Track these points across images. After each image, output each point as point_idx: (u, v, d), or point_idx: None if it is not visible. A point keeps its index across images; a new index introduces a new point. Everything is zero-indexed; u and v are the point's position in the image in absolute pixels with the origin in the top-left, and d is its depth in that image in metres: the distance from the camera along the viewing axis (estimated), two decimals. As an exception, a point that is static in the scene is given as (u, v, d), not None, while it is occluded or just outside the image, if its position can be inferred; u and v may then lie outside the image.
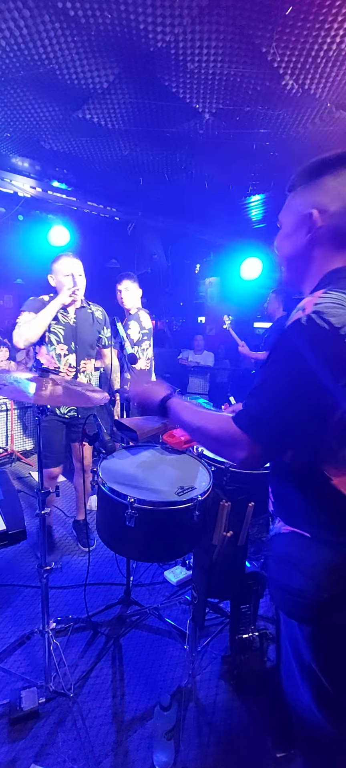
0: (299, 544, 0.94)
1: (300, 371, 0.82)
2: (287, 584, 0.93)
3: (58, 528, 3.01)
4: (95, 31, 1.83)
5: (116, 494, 1.42)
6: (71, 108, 2.52)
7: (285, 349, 0.87)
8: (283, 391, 0.85)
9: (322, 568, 0.88)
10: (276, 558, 0.99)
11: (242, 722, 1.68)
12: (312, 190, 0.96)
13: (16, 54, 2.00)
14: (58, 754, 1.51)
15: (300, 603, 0.91)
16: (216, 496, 1.56)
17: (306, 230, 0.96)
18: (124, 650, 1.98)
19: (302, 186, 0.98)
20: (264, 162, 3.18)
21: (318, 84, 2.12)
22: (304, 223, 0.96)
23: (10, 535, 1.37)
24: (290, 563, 0.94)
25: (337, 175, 0.93)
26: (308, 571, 0.89)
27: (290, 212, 1.01)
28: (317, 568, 0.88)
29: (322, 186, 0.94)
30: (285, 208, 1.04)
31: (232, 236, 5.40)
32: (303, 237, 0.96)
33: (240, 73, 2.07)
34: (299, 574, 0.91)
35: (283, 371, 0.86)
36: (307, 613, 0.90)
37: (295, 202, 1.00)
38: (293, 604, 0.92)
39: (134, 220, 4.58)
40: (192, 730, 1.63)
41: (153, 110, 2.51)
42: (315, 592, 0.88)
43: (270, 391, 0.88)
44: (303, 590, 0.90)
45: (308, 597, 0.89)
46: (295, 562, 0.93)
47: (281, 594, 0.96)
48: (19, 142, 3.05)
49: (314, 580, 0.88)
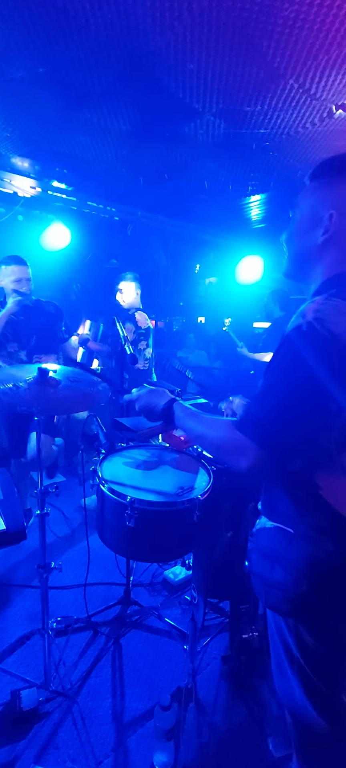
0: (282, 539, 0.95)
1: (302, 378, 0.82)
2: (268, 577, 0.95)
3: (58, 528, 3.01)
4: (95, 31, 1.83)
5: (116, 494, 1.42)
6: (71, 108, 2.51)
7: (287, 355, 0.87)
8: (287, 398, 0.85)
9: (302, 563, 0.90)
10: (259, 552, 1.01)
11: (242, 722, 1.68)
12: (336, 189, 0.94)
13: (16, 54, 2.00)
14: (58, 754, 1.51)
15: (280, 596, 0.93)
16: (216, 496, 1.56)
17: (323, 231, 0.94)
18: (124, 650, 1.98)
19: (326, 180, 0.95)
20: (264, 162, 3.18)
21: (318, 84, 2.11)
22: (321, 223, 0.94)
23: (10, 535, 1.37)
24: (272, 557, 0.96)
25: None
26: (289, 566, 0.91)
27: (308, 206, 0.98)
28: (297, 563, 0.90)
29: (344, 188, 0.93)
30: (303, 200, 1.00)
31: (232, 236, 5.39)
32: (318, 237, 0.95)
33: (240, 73, 2.07)
34: (280, 568, 0.93)
35: (286, 378, 0.86)
36: (286, 605, 0.93)
37: (315, 197, 0.97)
38: (273, 597, 0.95)
39: (134, 220, 4.58)
40: (192, 730, 1.63)
41: (153, 110, 2.51)
42: (294, 585, 0.90)
43: (274, 397, 0.88)
44: (283, 583, 0.91)
45: (288, 590, 0.91)
46: (277, 557, 0.95)
47: (262, 586, 0.98)
48: (19, 142, 3.04)
49: (294, 574, 0.90)
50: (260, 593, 1.00)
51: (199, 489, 1.50)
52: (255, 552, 1.03)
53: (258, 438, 0.87)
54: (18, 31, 1.85)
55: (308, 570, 0.89)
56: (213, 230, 5.24)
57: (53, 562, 1.70)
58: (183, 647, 1.96)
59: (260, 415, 0.89)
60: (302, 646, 0.94)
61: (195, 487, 1.52)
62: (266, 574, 0.96)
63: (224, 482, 1.67)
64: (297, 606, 0.91)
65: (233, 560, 1.65)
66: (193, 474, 1.63)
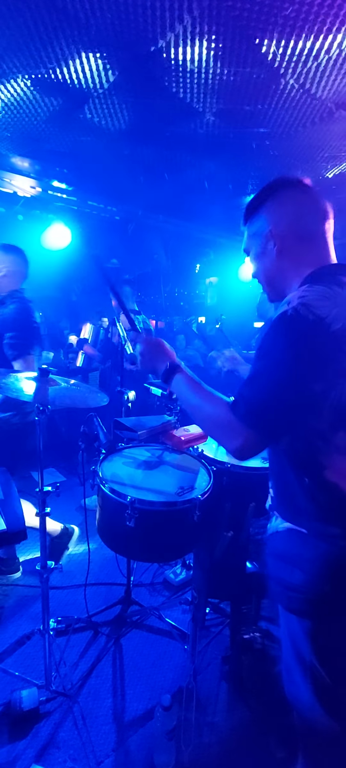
0: (297, 540, 0.96)
1: (289, 360, 0.86)
2: (286, 580, 0.96)
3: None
4: (95, 31, 1.83)
5: (116, 494, 1.42)
6: (71, 108, 2.52)
7: (273, 339, 0.91)
8: (274, 380, 0.89)
9: (320, 563, 0.90)
10: (275, 555, 1.02)
11: (243, 722, 1.68)
12: (265, 212, 1.07)
13: (16, 54, 2.00)
14: (58, 754, 1.51)
15: (300, 598, 0.93)
16: (216, 496, 1.56)
17: (272, 243, 1.05)
18: (125, 650, 1.98)
19: (255, 213, 1.10)
20: (264, 162, 3.18)
21: (318, 84, 2.12)
22: (268, 240, 1.06)
23: (10, 535, 1.37)
24: (289, 560, 0.97)
25: (283, 193, 1.06)
26: (306, 567, 0.92)
27: (252, 238, 1.12)
28: (314, 563, 0.91)
29: (272, 206, 1.06)
30: (247, 239, 1.14)
31: (232, 235, 5.40)
32: (272, 250, 1.05)
33: (240, 73, 2.07)
34: (298, 570, 0.93)
35: (272, 361, 0.91)
36: (307, 607, 0.93)
37: (254, 229, 1.10)
38: (293, 600, 0.95)
39: (134, 220, 4.58)
40: (193, 730, 1.63)
41: (153, 110, 2.51)
42: (314, 586, 0.91)
43: (262, 380, 0.92)
44: (302, 585, 0.92)
45: (308, 591, 0.92)
46: (293, 559, 0.95)
47: (280, 590, 0.99)
48: (19, 142, 3.04)
49: (313, 574, 0.91)
50: (281, 597, 0.99)
51: (199, 489, 1.50)
52: (271, 556, 1.03)
53: (248, 420, 0.91)
54: (18, 31, 1.85)
55: (326, 569, 0.90)
56: (213, 230, 5.24)
57: (53, 563, 1.70)
58: (184, 647, 1.96)
59: (249, 397, 0.92)
60: (318, 648, 0.94)
61: (195, 487, 1.52)
62: (285, 577, 0.97)
63: (224, 482, 1.67)
64: (318, 607, 0.92)
65: (233, 560, 1.65)
66: (193, 474, 1.63)
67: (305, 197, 1.04)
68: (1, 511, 1.45)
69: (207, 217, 4.72)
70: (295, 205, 1.04)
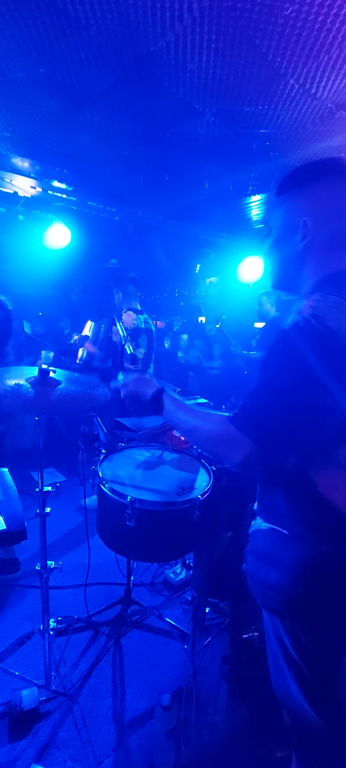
0: (277, 540, 0.96)
1: (299, 374, 0.83)
2: (263, 579, 0.96)
3: (58, 528, 3.01)
4: (95, 31, 1.83)
5: (116, 494, 1.42)
6: (71, 108, 2.52)
7: (284, 351, 0.87)
8: (283, 394, 0.85)
9: (298, 565, 0.90)
10: (255, 554, 1.02)
11: (242, 722, 1.68)
12: (304, 198, 0.97)
13: (17, 54, 2.00)
14: (58, 753, 1.52)
15: (275, 597, 0.93)
16: (216, 496, 1.56)
17: (300, 237, 0.97)
18: (125, 650, 1.98)
19: (293, 192, 0.99)
20: (264, 162, 3.18)
21: (318, 84, 2.12)
22: (297, 230, 0.97)
23: (10, 535, 1.37)
24: (268, 560, 0.96)
25: (328, 183, 0.94)
26: (284, 568, 0.92)
27: (281, 218, 1.02)
28: (293, 565, 0.91)
29: (313, 194, 0.96)
30: (277, 213, 1.04)
31: (232, 236, 5.40)
32: (298, 243, 0.98)
33: (240, 73, 2.07)
34: (275, 570, 0.93)
35: (282, 374, 0.87)
36: (282, 606, 0.93)
37: (286, 209, 1.01)
38: (269, 598, 0.95)
39: (134, 220, 4.58)
40: (193, 730, 1.63)
41: (153, 110, 2.51)
42: (290, 587, 0.91)
43: (270, 393, 0.88)
44: (278, 585, 0.92)
45: (284, 592, 0.92)
46: (272, 559, 0.95)
47: (257, 588, 0.99)
48: (19, 142, 3.04)
49: (289, 576, 0.91)
50: (257, 595, 1.00)
51: (199, 489, 1.50)
52: (251, 554, 1.04)
53: (252, 434, 0.87)
54: (18, 31, 1.85)
55: (303, 572, 0.90)
56: (213, 230, 5.24)
57: (54, 563, 1.70)
58: (184, 647, 1.96)
59: (255, 410, 0.88)
60: (298, 646, 0.94)
61: (195, 487, 1.52)
62: (261, 575, 0.97)
63: (224, 482, 1.68)
64: (293, 607, 0.92)
65: (233, 560, 1.65)
66: (193, 474, 1.63)
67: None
68: (1, 511, 1.45)
69: (207, 217, 4.72)
70: (340, 203, 0.94)
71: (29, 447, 4.37)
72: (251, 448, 0.87)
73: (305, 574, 0.89)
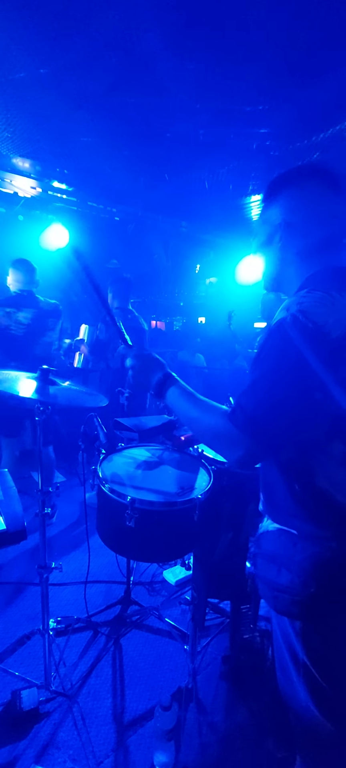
0: (286, 541, 0.96)
1: (288, 368, 0.84)
2: (274, 581, 0.96)
3: (58, 528, 3.01)
4: (95, 32, 1.83)
5: (116, 494, 1.42)
6: (71, 108, 2.52)
7: (273, 347, 0.89)
8: (274, 389, 0.87)
9: (308, 564, 0.90)
10: (264, 556, 1.01)
11: (242, 722, 1.68)
12: (281, 202, 1.03)
13: (17, 55, 2.00)
14: (58, 754, 1.51)
15: (288, 599, 0.93)
16: (216, 496, 1.56)
17: (278, 238, 1.02)
18: (125, 650, 1.98)
19: (273, 197, 1.05)
20: (264, 162, 3.18)
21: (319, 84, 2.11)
22: (276, 232, 1.03)
23: (10, 535, 1.37)
24: (277, 560, 0.96)
25: (304, 187, 1.00)
26: (295, 568, 0.91)
27: (264, 223, 1.09)
28: (303, 565, 0.90)
29: (289, 199, 1.01)
30: (260, 220, 1.11)
31: (232, 236, 5.39)
32: (277, 244, 1.03)
33: (240, 73, 2.07)
34: (286, 570, 0.93)
35: (272, 369, 0.88)
36: (294, 608, 0.93)
37: (267, 214, 1.07)
38: (281, 600, 0.95)
39: (134, 220, 4.58)
40: (192, 730, 1.63)
41: (153, 110, 2.51)
42: (302, 587, 0.90)
43: (263, 389, 0.89)
44: (290, 586, 0.92)
45: (296, 593, 0.91)
46: (282, 560, 0.95)
47: (269, 591, 0.98)
48: (19, 142, 3.04)
49: (301, 576, 0.90)
50: (268, 597, 0.99)
51: (199, 489, 1.50)
52: (260, 556, 1.03)
53: (249, 430, 0.88)
54: (19, 32, 1.85)
55: (315, 571, 0.89)
56: (213, 230, 5.24)
57: (54, 563, 1.70)
58: (183, 647, 1.96)
59: (249, 407, 0.89)
60: (309, 648, 0.93)
61: (195, 487, 1.52)
62: (272, 577, 0.96)
63: (224, 482, 1.67)
64: (305, 608, 0.91)
65: (233, 560, 1.65)
66: (193, 474, 1.63)
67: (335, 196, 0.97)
68: (1, 511, 1.45)
69: (207, 217, 4.72)
70: (317, 205, 0.98)
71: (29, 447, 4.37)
72: (248, 444, 0.88)
73: (317, 572, 0.89)
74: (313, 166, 1.03)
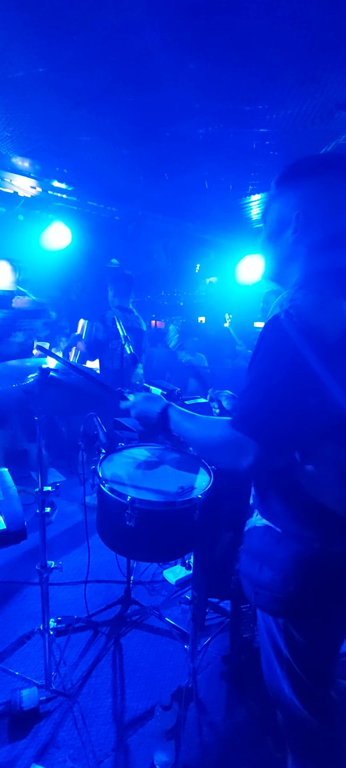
0: (271, 538, 0.96)
1: (284, 363, 0.84)
2: (256, 578, 0.97)
3: (58, 527, 3.01)
4: (95, 31, 1.83)
5: (116, 494, 1.42)
6: (71, 108, 2.51)
7: (268, 344, 0.89)
8: (272, 386, 0.86)
9: (290, 563, 0.91)
10: (248, 552, 1.03)
11: (242, 722, 1.68)
12: (298, 192, 0.97)
13: (16, 54, 2.00)
14: (58, 753, 1.52)
15: (267, 595, 0.94)
16: (217, 495, 1.56)
17: (292, 230, 0.97)
18: (125, 650, 1.98)
19: (288, 185, 0.99)
20: (264, 162, 3.18)
21: (319, 84, 2.11)
22: (289, 224, 0.97)
23: (10, 535, 1.37)
24: (261, 558, 0.97)
25: (324, 179, 0.94)
26: (277, 566, 0.93)
27: (275, 211, 1.02)
28: (285, 563, 0.92)
29: (308, 189, 0.95)
30: (270, 207, 1.05)
31: (232, 236, 5.40)
32: (289, 237, 0.98)
33: (240, 73, 2.07)
34: (268, 568, 0.94)
35: (269, 366, 0.88)
36: (275, 605, 0.94)
37: (281, 201, 1.00)
38: (260, 596, 0.96)
39: (134, 220, 4.58)
40: (193, 729, 1.63)
41: (153, 110, 2.51)
42: (282, 585, 0.91)
43: (261, 389, 0.89)
44: (271, 583, 0.93)
45: (276, 590, 0.92)
46: (265, 557, 0.96)
47: (251, 587, 0.99)
48: (19, 142, 3.04)
49: (282, 574, 0.91)
50: (249, 593, 1.01)
51: (199, 489, 1.50)
52: (245, 552, 1.04)
53: (255, 433, 0.86)
54: (18, 31, 1.85)
55: (296, 569, 0.90)
56: (213, 230, 5.24)
57: (54, 562, 1.70)
58: (184, 647, 1.96)
59: (251, 409, 0.88)
60: (291, 644, 0.94)
61: (195, 486, 1.52)
62: (254, 574, 0.98)
63: (224, 482, 1.67)
64: (285, 605, 0.93)
65: (233, 560, 1.65)
66: (193, 474, 1.63)
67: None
68: (1, 511, 1.45)
69: (207, 217, 4.72)
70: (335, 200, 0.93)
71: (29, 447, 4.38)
72: (257, 448, 0.86)
73: (298, 571, 0.90)
74: (333, 156, 0.97)
